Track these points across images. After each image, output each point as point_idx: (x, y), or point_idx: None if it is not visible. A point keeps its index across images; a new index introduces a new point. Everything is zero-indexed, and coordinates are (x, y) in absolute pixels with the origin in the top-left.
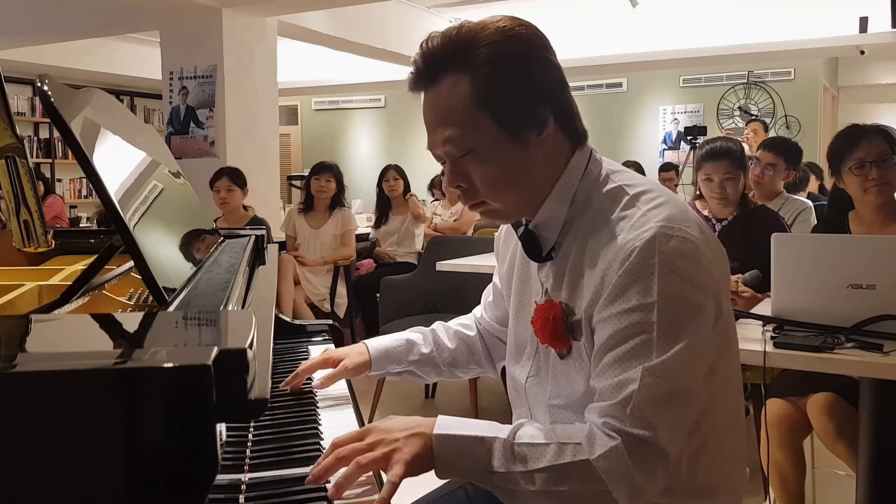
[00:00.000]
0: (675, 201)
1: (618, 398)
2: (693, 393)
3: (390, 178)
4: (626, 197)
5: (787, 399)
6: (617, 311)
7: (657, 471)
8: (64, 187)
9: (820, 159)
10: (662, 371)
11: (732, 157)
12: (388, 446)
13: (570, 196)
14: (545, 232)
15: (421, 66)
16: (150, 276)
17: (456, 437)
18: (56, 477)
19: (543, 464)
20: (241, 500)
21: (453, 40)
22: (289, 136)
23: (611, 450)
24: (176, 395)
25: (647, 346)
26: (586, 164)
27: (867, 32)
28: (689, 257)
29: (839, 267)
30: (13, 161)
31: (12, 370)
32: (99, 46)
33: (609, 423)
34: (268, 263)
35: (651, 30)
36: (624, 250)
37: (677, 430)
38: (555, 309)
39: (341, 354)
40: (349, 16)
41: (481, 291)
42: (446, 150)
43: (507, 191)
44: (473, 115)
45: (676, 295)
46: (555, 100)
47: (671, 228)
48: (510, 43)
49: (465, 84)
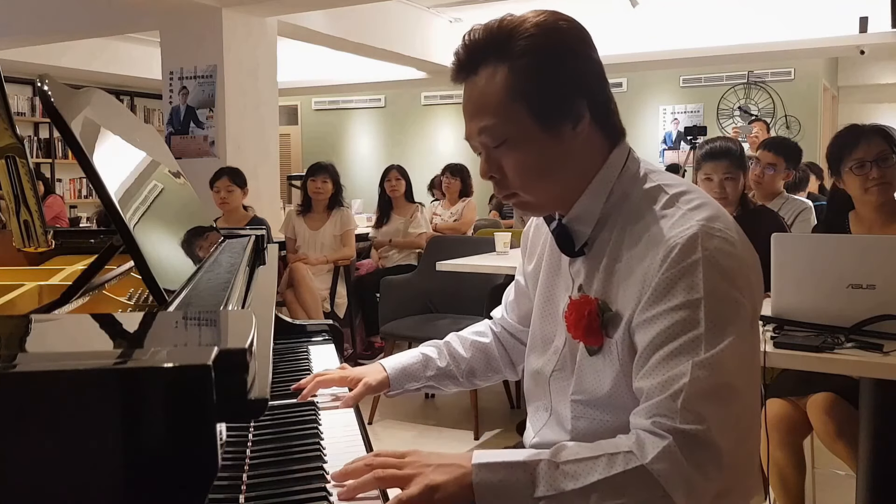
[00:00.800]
0: (714, 203)
1: (667, 393)
2: (740, 389)
3: (392, 178)
4: (666, 196)
5: (787, 399)
6: (663, 309)
7: (710, 468)
8: (64, 187)
9: (820, 159)
10: (712, 365)
11: (732, 157)
12: (415, 469)
13: (606, 192)
14: (579, 226)
15: (462, 56)
16: (150, 276)
17: (496, 464)
18: (56, 477)
19: (596, 477)
20: (241, 500)
21: (494, 32)
22: (289, 136)
23: (664, 450)
24: (176, 396)
25: (696, 342)
26: (625, 162)
27: (867, 32)
28: (731, 256)
29: (839, 267)
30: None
31: (12, 370)
32: (99, 46)
33: (658, 421)
34: (268, 263)
35: (651, 30)
36: (666, 247)
37: (729, 425)
38: (591, 305)
39: (359, 374)
40: (349, 16)
41: (481, 291)
42: (481, 140)
43: (540, 182)
44: (509, 105)
45: (721, 291)
46: (591, 94)
47: (713, 228)
48: (549, 36)
49: (503, 75)
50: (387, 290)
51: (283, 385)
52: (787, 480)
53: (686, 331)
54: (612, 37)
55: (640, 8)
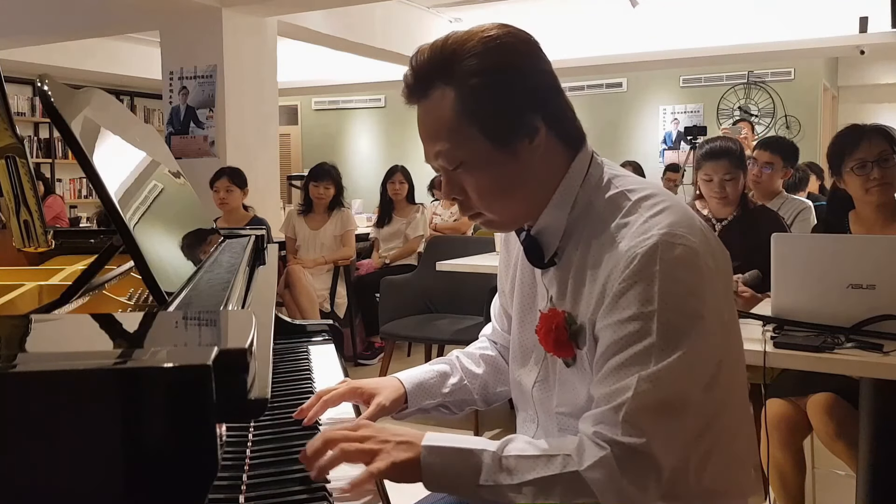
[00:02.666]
0: (678, 206)
1: (612, 404)
2: (690, 403)
3: (396, 180)
4: (629, 203)
5: (787, 399)
6: (617, 318)
7: (649, 483)
8: (64, 187)
9: (820, 159)
10: (658, 379)
11: (732, 157)
12: (377, 444)
13: (570, 202)
14: (547, 238)
15: (410, 80)
16: (150, 276)
17: (444, 448)
18: (56, 477)
19: (532, 476)
20: (241, 500)
21: (438, 53)
22: (289, 136)
23: (600, 460)
24: (176, 395)
25: (646, 354)
26: (587, 169)
27: (867, 32)
28: (691, 266)
29: (839, 267)
30: (13, 161)
31: (12, 370)
32: (99, 46)
33: (600, 431)
34: (268, 263)
35: (651, 30)
36: (626, 257)
37: (673, 442)
38: (558, 318)
39: (373, 388)
40: (349, 16)
41: (481, 291)
42: (439, 163)
43: (502, 201)
44: (461, 128)
45: (677, 304)
46: (545, 107)
47: (674, 236)
48: (495, 53)
49: (451, 97)
50: (387, 290)
51: (283, 385)
52: (787, 480)
53: (637, 342)
54: (612, 37)
55: (640, 8)
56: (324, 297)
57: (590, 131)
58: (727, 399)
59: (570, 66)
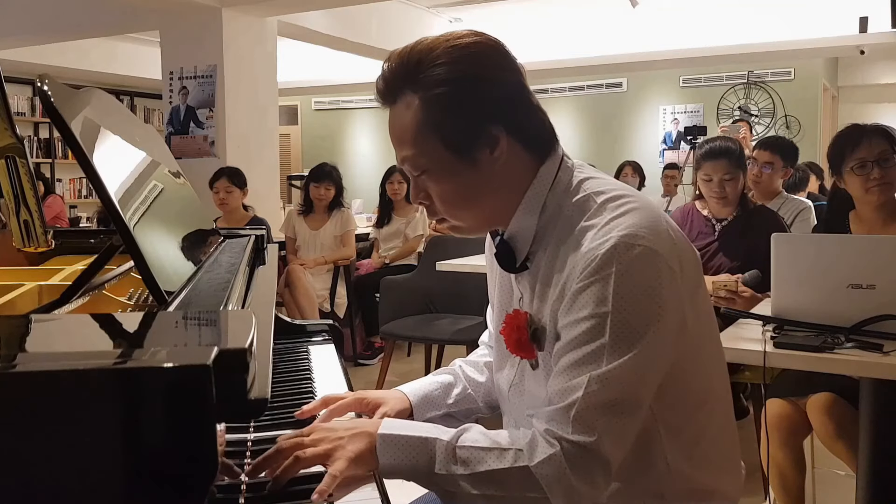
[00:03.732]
0: (645, 208)
1: (562, 403)
2: (640, 403)
3: (395, 180)
4: (594, 205)
5: (787, 399)
6: (574, 318)
7: (597, 478)
8: (64, 187)
9: (820, 159)
10: (609, 379)
11: (731, 157)
12: (331, 443)
13: (538, 207)
14: (518, 243)
15: (381, 86)
16: (150, 276)
17: (399, 437)
18: (56, 477)
19: (483, 468)
20: (241, 500)
21: (405, 61)
22: (289, 136)
23: (550, 457)
24: (176, 395)
25: (598, 354)
26: (556, 174)
27: (867, 32)
28: (649, 267)
29: (839, 267)
30: (13, 161)
31: (12, 370)
32: (99, 46)
33: (550, 429)
34: (268, 263)
35: (651, 30)
36: (585, 258)
37: (621, 439)
38: (520, 319)
39: (378, 399)
40: (349, 16)
41: (481, 291)
42: (406, 168)
43: (463, 209)
44: (424, 136)
45: (632, 304)
46: (506, 117)
47: (634, 237)
48: (459, 63)
49: (415, 106)
50: (387, 290)
51: (283, 385)
52: (787, 480)
53: (590, 341)
54: (612, 37)
55: (640, 8)
56: (324, 297)
57: (590, 131)
58: (708, 394)
59: (570, 66)
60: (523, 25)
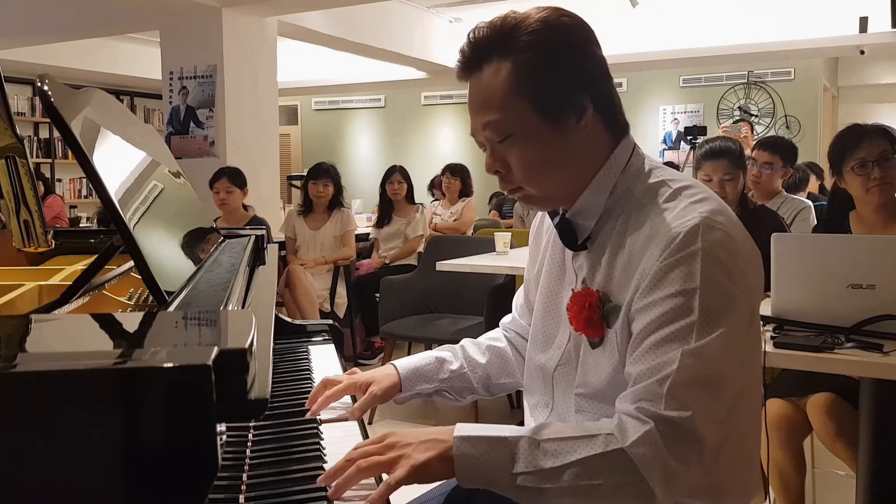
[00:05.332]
0: (717, 199)
1: (654, 378)
2: (729, 381)
3: (395, 181)
4: (669, 190)
5: (787, 399)
6: (658, 296)
7: (691, 458)
8: (64, 187)
9: (820, 159)
10: (702, 354)
11: (731, 157)
12: (397, 451)
13: (609, 186)
14: (582, 220)
15: (468, 53)
16: (150, 277)
17: (477, 437)
18: (56, 477)
19: (574, 457)
20: (241, 500)
21: (497, 29)
22: (289, 136)
23: (644, 434)
24: (176, 396)
25: (688, 331)
26: (629, 157)
27: (867, 32)
28: (730, 251)
29: (839, 267)
30: (13, 161)
31: (12, 370)
32: (99, 46)
33: (643, 407)
34: (268, 263)
35: (651, 30)
36: (667, 237)
37: (713, 416)
38: (591, 297)
39: (368, 378)
40: (349, 16)
41: (481, 291)
42: (486, 135)
43: (544, 176)
44: (512, 100)
45: (717, 284)
46: (594, 89)
47: (715, 221)
48: (552, 31)
49: (506, 70)
50: (387, 290)
51: (283, 385)
52: (787, 480)
53: (679, 318)
54: (612, 37)
55: (640, 8)
56: (324, 297)
57: None
58: (743, 394)
59: None
60: None
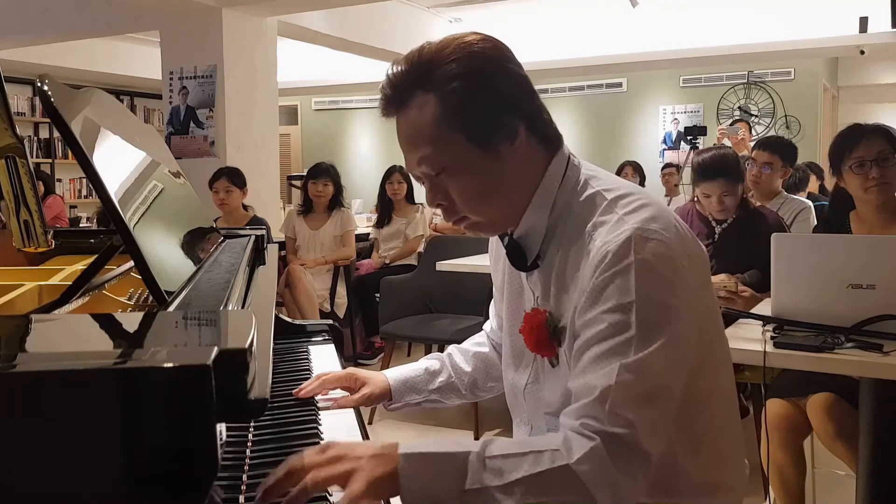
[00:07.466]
0: (654, 204)
1: (595, 395)
2: (672, 393)
3: (395, 181)
4: (605, 202)
5: (787, 399)
6: (596, 313)
7: (637, 472)
8: (64, 187)
9: (820, 159)
10: (640, 368)
11: (727, 174)
12: (350, 463)
13: (549, 204)
14: (529, 241)
15: (389, 92)
16: (150, 277)
17: (424, 454)
18: (56, 477)
19: (521, 474)
20: (241, 500)
21: (415, 63)
22: (289, 136)
23: (590, 451)
24: (176, 395)
25: (626, 345)
26: (564, 171)
27: (867, 32)
28: (665, 260)
29: (839, 267)
30: (13, 161)
31: (12, 370)
32: (99, 46)
33: (587, 423)
34: (268, 263)
35: (651, 30)
36: (601, 252)
37: (657, 430)
38: (539, 317)
39: (365, 377)
40: (349, 16)
41: (481, 291)
42: (422, 170)
43: (486, 203)
44: (443, 132)
45: (653, 295)
46: (523, 109)
47: (647, 231)
48: (471, 58)
49: (432, 104)
50: (387, 290)
51: (283, 385)
52: (787, 480)
53: (617, 333)
54: (612, 37)
55: (640, 8)
56: (324, 297)
57: (590, 131)
58: (713, 392)
59: (570, 66)
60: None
